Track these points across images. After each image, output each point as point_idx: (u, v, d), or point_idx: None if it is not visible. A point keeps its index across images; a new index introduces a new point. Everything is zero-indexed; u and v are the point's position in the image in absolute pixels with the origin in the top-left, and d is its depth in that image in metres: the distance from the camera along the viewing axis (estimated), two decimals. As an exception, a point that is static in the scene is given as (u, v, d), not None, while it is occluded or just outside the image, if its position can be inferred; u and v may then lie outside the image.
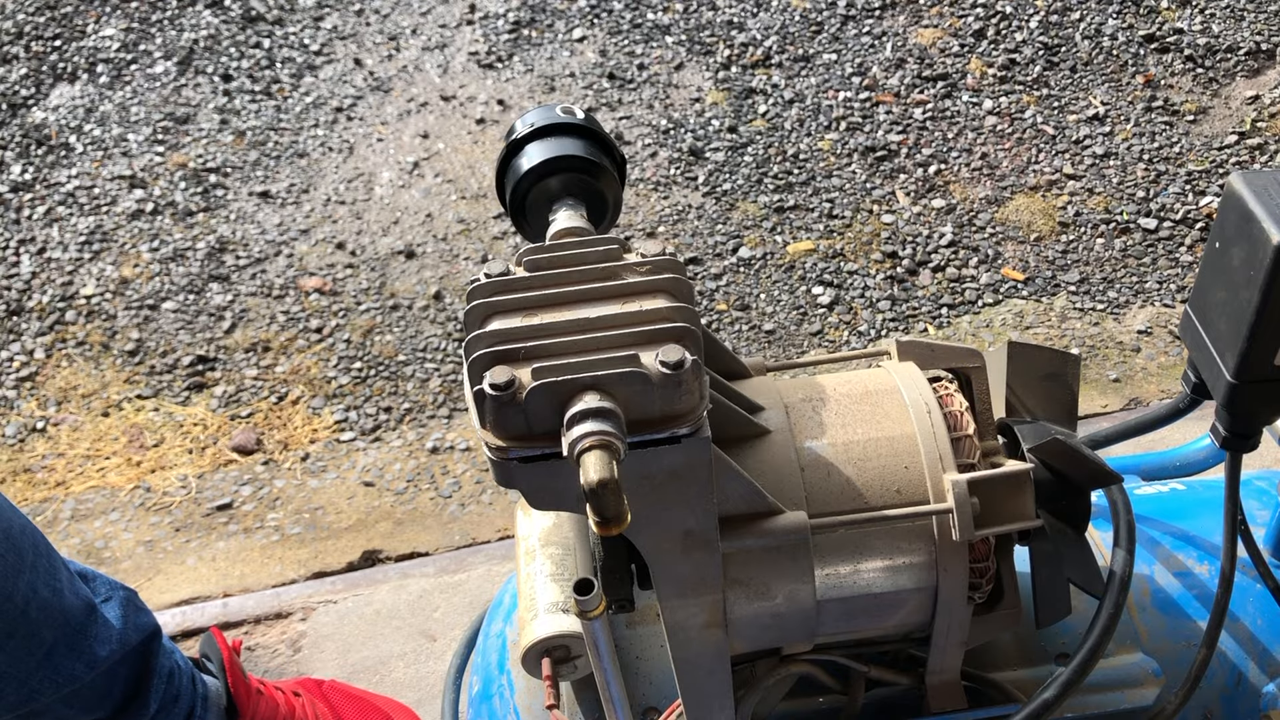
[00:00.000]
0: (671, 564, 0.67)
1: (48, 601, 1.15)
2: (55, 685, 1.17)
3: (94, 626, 1.21)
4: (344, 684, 1.53)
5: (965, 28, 2.76)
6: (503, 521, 1.87)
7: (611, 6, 2.88)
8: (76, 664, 1.18)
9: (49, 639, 1.15)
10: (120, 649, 1.22)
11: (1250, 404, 0.77)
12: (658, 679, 0.86)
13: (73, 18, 2.93)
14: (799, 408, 0.75)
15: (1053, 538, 0.77)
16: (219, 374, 2.14)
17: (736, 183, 2.43)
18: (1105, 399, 2.02)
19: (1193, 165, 2.41)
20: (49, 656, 1.16)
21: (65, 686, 1.17)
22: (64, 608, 1.17)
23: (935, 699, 0.81)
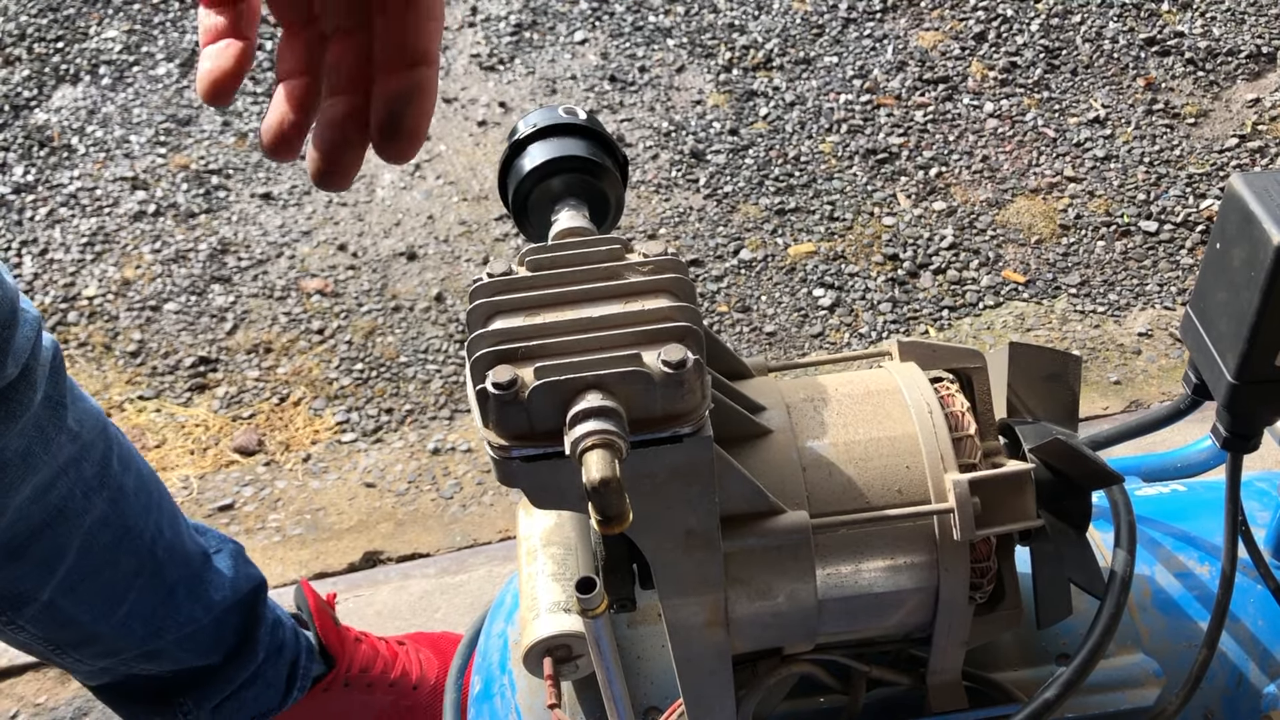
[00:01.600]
0: (673, 563, 0.68)
1: (171, 543, 1.21)
2: (176, 625, 1.22)
3: (209, 573, 1.26)
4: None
5: (966, 31, 2.76)
6: (504, 522, 1.87)
7: (613, 9, 2.89)
8: (195, 607, 1.23)
9: (171, 579, 1.21)
10: (232, 595, 1.27)
11: (1251, 405, 0.77)
12: (659, 678, 0.86)
13: (75, 20, 2.94)
14: (801, 407, 0.75)
15: (1054, 538, 0.77)
16: (221, 375, 2.14)
17: (738, 185, 2.43)
18: (1106, 401, 2.02)
19: (1193, 168, 2.41)
20: (171, 596, 1.21)
21: (185, 627, 1.23)
22: (185, 551, 1.23)
23: (936, 699, 0.81)
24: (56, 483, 1.10)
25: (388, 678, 1.40)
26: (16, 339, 0.99)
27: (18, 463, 1.04)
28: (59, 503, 1.10)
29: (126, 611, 1.19)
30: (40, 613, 1.14)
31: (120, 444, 1.19)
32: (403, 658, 1.43)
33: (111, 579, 1.17)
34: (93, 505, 1.14)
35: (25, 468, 1.05)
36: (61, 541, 1.12)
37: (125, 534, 1.17)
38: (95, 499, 1.14)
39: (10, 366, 0.99)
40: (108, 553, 1.16)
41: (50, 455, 1.08)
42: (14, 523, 1.07)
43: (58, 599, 1.14)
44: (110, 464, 1.16)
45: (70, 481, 1.11)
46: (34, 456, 1.05)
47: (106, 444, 1.16)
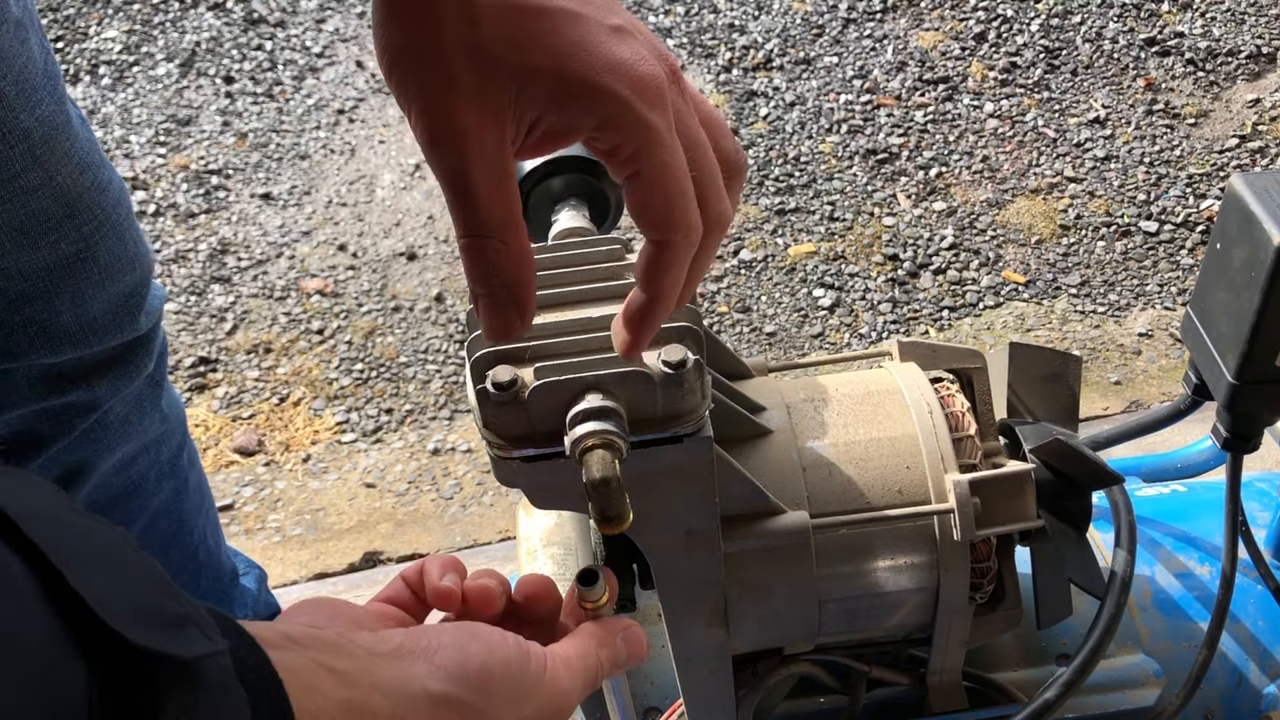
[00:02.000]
0: (673, 563, 0.68)
1: (211, 551, 1.25)
2: None
3: (235, 591, 1.31)
4: None
5: (966, 31, 2.76)
6: (504, 523, 1.87)
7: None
8: None
9: (204, 588, 1.25)
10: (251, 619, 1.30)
11: (1251, 405, 0.77)
12: (659, 679, 0.86)
13: (75, 20, 2.94)
14: (801, 408, 0.75)
15: (1054, 538, 0.77)
16: (220, 375, 2.14)
17: (738, 185, 2.43)
18: (1106, 401, 2.02)
19: (1193, 168, 2.41)
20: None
21: None
22: (220, 563, 1.28)
23: (936, 699, 0.81)
24: (139, 459, 1.14)
25: None
26: (150, 299, 1.06)
27: (117, 426, 1.09)
28: (137, 479, 1.15)
29: None
30: None
31: (191, 442, 1.24)
32: None
33: None
34: (161, 490, 1.18)
35: (122, 433, 1.10)
36: (129, 518, 1.16)
37: (179, 528, 1.22)
38: (164, 484, 1.19)
39: (144, 321, 1.05)
40: (162, 542, 1.21)
41: (142, 429, 1.13)
42: (96, 488, 1.11)
43: None
44: (182, 456, 1.21)
45: (150, 460, 1.16)
46: (130, 425, 1.10)
47: (183, 436, 1.21)
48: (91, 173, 0.95)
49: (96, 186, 0.96)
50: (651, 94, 0.46)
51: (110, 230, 0.99)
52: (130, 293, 1.03)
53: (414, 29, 0.44)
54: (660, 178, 0.46)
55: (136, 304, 1.04)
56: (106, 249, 0.98)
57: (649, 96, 0.45)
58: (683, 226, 0.47)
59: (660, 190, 0.46)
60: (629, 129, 0.45)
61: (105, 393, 1.05)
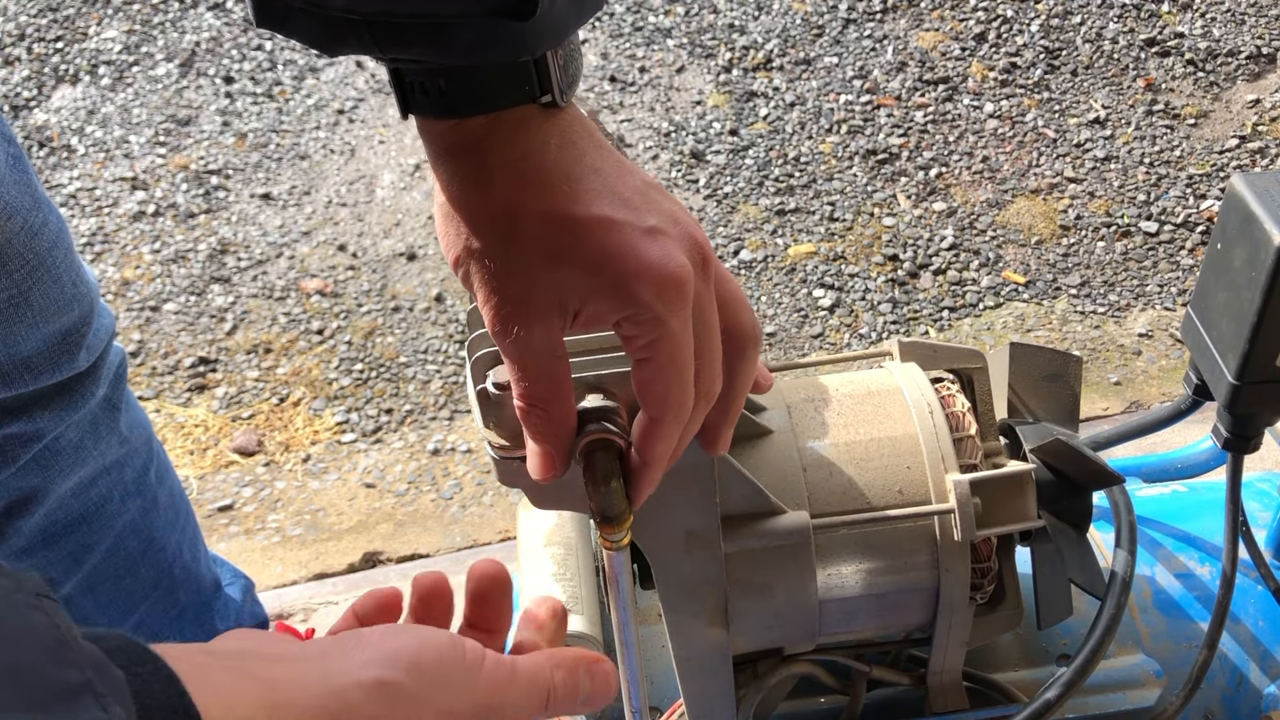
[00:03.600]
0: (674, 564, 0.68)
1: (189, 565, 1.25)
2: None
3: (218, 603, 1.30)
4: None
5: (966, 31, 2.76)
6: (504, 523, 1.87)
7: (613, 9, 2.89)
8: (199, 632, 1.27)
9: (183, 601, 1.25)
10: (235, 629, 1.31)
11: (1252, 405, 0.77)
12: (660, 679, 0.86)
13: (75, 20, 2.94)
14: (801, 408, 0.75)
15: (1055, 538, 0.77)
16: (220, 375, 2.14)
17: (738, 185, 2.43)
18: (1106, 402, 2.02)
19: (1193, 169, 2.41)
20: (179, 618, 1.25)
21: None
22: (199, 576, 1.27)
23: (937, 699, 0.81)
24: (99, 481, 1.14)
25: None
26: (91, 336, 1.05)
27: (70, 452, 1.08)
28: (98, 501, 1.14)
29: (135, 622, 1.22)
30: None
31: (160, 458, 1.23)
32: None
33: (130, 587, 1.20)
34: (127, 510, 1.17)
35: (75, 459, 1.09)
36: (93, 539, 1.15)
37: (150, 545, 1.21)
38: (130, 505, 1.18)
39: (83, 359, 1.05)
40: (131, 561, 1.20)
41: (99, 452, 1.12)
42: (54, 510, 1.11)
43: (77, 596, 1.17)
44: (149, 475, 1.20)
45: (111, 482, 1.15)
46: (84, 450, 1.10)
47: (149, 454, 1.20)
48: (21, 217, 0.94)
49: (28, 231, 0.95)
50: (673, 295, 0.51)
51: (45, 274, 0.98)
52: (68, 332, 1.02)
53: (467, 235, 0.51)
54: (664, 368, 0.52)
55: (75, 342, 1.03)
56: (40, 293, 0.97)
57: (670, 298, 0.51)
58: (675, 410, 0.53)
59: (661, 379, 0.52)
60: (646, 326, 0.51)
61: (50, 423, 1.04)
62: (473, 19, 0.47)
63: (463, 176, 0.51)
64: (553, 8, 0.48)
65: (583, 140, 0.53)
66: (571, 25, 0.51)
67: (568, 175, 0.51)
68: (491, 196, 0.51)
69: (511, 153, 0.51)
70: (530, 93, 0.51)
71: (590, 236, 0.51)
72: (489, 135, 0.51)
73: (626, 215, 0.51)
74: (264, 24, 0.49)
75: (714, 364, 0.55)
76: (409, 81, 0.51)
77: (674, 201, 0.55)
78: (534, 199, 0.51)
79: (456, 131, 0.51)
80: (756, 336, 0.58)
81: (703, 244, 0.54)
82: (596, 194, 0.51)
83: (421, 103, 0.51)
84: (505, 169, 0.51)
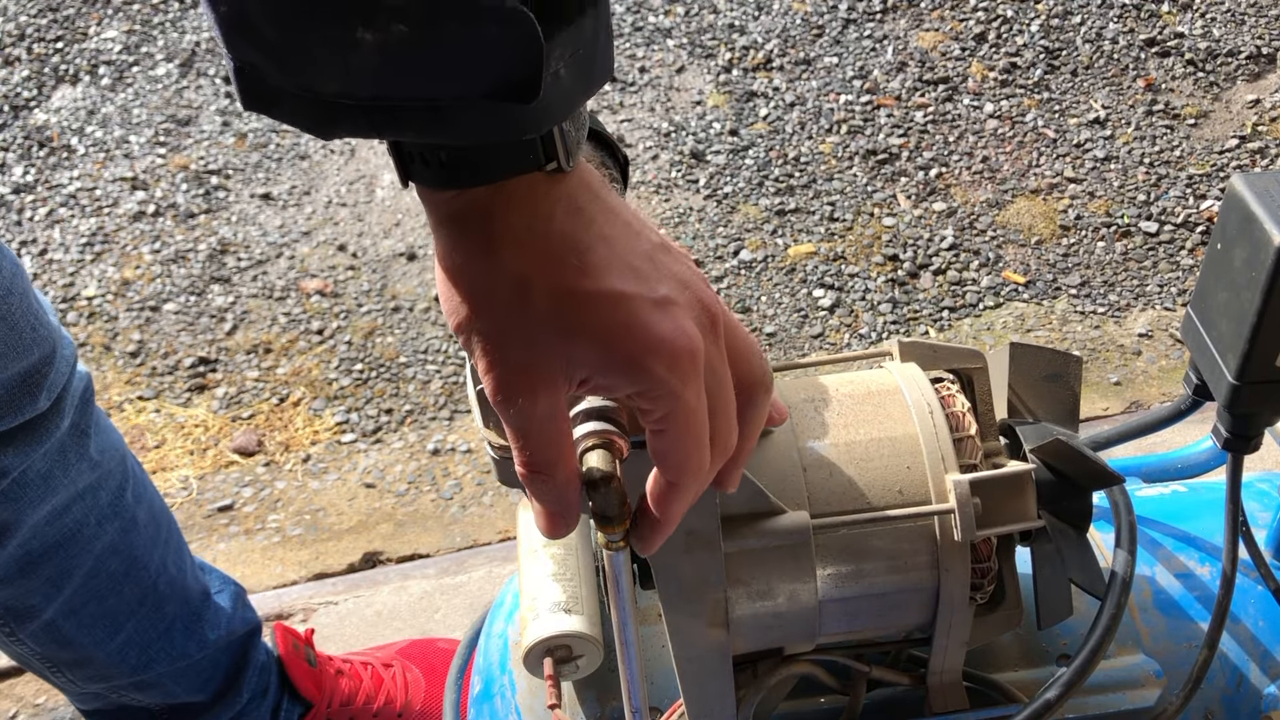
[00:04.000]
0: (674, 564, 0.68)
1: (174, 579, 1.25)
2: (169, 659, 1.25)
3: (207, 612, 1.30)
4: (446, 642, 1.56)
5: (966, 31, 2.76)
6: (504, 523, 1.87)
7: (613, 9, 2.88)
8: (190, 643, 1.27)
9: (170, 614, 1.25)
10: (226, 636, 1.31)
11: (1252, 405, 0.77)
12: (660, 679, 0.86)
13: (75, 20, 2.94)
14: (801, 408, 0.75)
15: (1055, 538, 0.77)
16: (220, 375, 2.14)
17: (738, 185, 2.43)
18: (1106, 402, 2.02)
19: (1193, 169, 2.41)
20: (168, 631, 1.25)
21: (178, 662, 1.26)
22: (186, 588, 1.27)
23: (937, 699, 0.81)
24: (72, 507, 1.13)
25: (370, 709, 1.42)
26: (52, 375, 1.04)
27: (39, 483, 1.08)
28: (73, 526, 1.14)
29: (124, 640, 1.22)
30: (41, 630, 1.17)
31: (136, 476, 1.22)
32: (387, 683, 1.44)
33: (114, 606, 1.20)
34: (104, 532, 1.17)
35: (45, 489, 1.08)
36: (71, 564, 1.15)
37: (132, 564, 1.21)
38: (107, 527, 1.17)
39: (43, 400, 1.03)
40: (113, 580, 1.19)
41: (70, 480, 1.11)
42: (28, 539, 1.10)
43: (59, 619, 1.17)
44: (125, 495, 1.19)
45: (86, 507, 1.14)
46: (54, 479, 1.09)
47: (124, 475, 1.20)
48: None
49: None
50: (685, 368, 0.51)
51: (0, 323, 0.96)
52: (27, 375, 1.00)
53: (471, 303, 0.50)
54: (680, 437, 0.52)
55: (35, 384, 1.02)
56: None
57: (682, 371, 0.51)
58: (693, 474, 0.54)
59: (679, 447, 0.53)
60: (662, 401, 0.51)
61: (14, 460, 1.03)
62: (469, 102, 0.46)
63: (467, 246, 0.50)
64: (557, 85, 0.47)
65: (590, 205, 0.52)
66: (578, 100, 0.49)
67: (575, 246, 0.50)
68: (498, 267, 0.50)
69: (517, 222, 0.50)
70: (535, 161, 0.49)
71: (601, 311, 0.50)
72: (493, 204, 0.50)
73: (637, 287, 0.51)
74: (252, 107, 0.47)
75: (729, 420, 0.55)
76: (408, 151, 0.49)
77: (682, 261, 0.54)
78: (543, 272, 0.50)
79: (459, 200, 0.50)
80: (767, 384, 0.58)
81: (711, 306, 0.54)
82: (606, 265, 0.51)
83: (422, 173, 0.50)
84: (511, 239, 0.50)
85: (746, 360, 0.56)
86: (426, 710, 1.45)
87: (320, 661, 1.41)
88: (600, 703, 0.87)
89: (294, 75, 0.45)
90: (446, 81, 0.45)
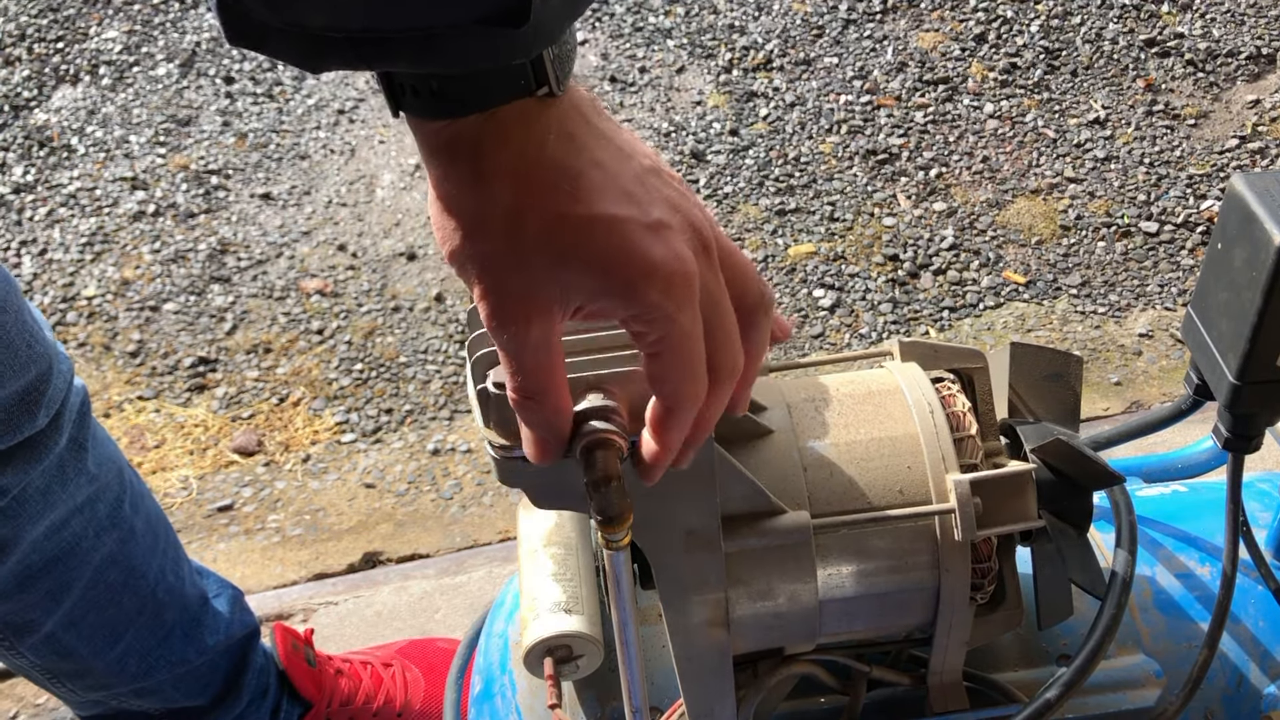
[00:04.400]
0: (674, 563, 0.68)
1: (173, 586, 1.25)
2: (169, 665, 1.25)
3: (206, 617, 1.29)
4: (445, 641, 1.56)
5: (966, 32, 2.76)
6: (504, 523, 1.87)
7: (613, 10, 2.89)
8: (189, 649, 1.27)
9: (170, 621, 1.24)
10: (225, 641, 1.31)
11: (1252, 405, 0.77)
12: (660, 679, 0.86)
13: (75, 20, 2.94)
14: (802, 407, 0.75)
15: (1055, 538, 0.77)
16: (220, 375, 2.14)
17: (738, 185, 2.43)
18: (1106, 402, 2.02)
19: (1193, 169, 2.41)
20: (168, 638, 1.25)
21: (178, 668, 1.26)
22: (184, 594, 1.27)
23: (937, 699, 0.81)
24: (71, 521, 1.13)
25: (370, 709, 1.42)
26: (50, 391, 1.03)
27: (37, 499, 1.07)
28: (71, 540, 1.13)
29: (123, 649, 1.22)
30: (41, 643, 1.17)
31: (134, 487, 1.22)
32: (387, 683, 1.44)
33: (113, 617, 1.20)
34: (103, 544, 1.17)
35: (44, 504, 1.08)
36: (70, 577, 1.14)
37: (131, 574, 1.20)
38: (106, 539, 1.17)
39: (42, 417, 1.03)
40: (112, 591, 1.19)
41: (68, 494, 1.11)
42: (27, 555, 1.10)
43: (59, 631, 1.17)
44: (123, 506, 1.19)
45: (84, 521, 1.14)
46: (53, 494, 1.09)
47: (121, 487, 1.19)
48: None
49: None
50: (680, 292, 0.51)
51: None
52: (24, 393, 1.00)
53: (465, 231, 0.50)
54: (675, 361, 0.52)
55: (33, 402, 1.01)
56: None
57: (677, 295, 0.51)
58: (689, 399, 0.54)
59: (674, 373, 0.52)
60: (656, 324, 0.51)
61: (13, 479, 1.03)
62: (461, 29, 0.45)
63: (458, 175, 0.50)
64: (545, 8, 0.46)
65: (581, 130, 0.51)
66: (566, 22, 0.49)
67: (567, 172, 0.50)
68: (490, 195, 0.50)
69: (509, 150, 0.50)
70: (526, 87, 0.49)
71: (595, 237, 0.50)
72: (484, 132, 0.50)
73: (630, 211, 0.51)
74: (237, 42, 0.47)
75: (731, 343, 0.55)
76: (399, 83, 0.49)
77: (674, 184, 0.54)
78: (536, 199, 0.50)
79: (450, 130, 0.50)
80: (766, 304, 0.57)
81: (704, 228, 0.53)
82: (599, 191, 0.50)
83: (413, 104, 0.50)
84: (503, 167, 0.50)
85: (743, 282, 0.56)
86: (426, 710, 1.45)
87: (320, 661, 1.41)
88: (600, 703, 0.87)
89: (280, 10, 0.45)
90: (438, 9, 0.45)
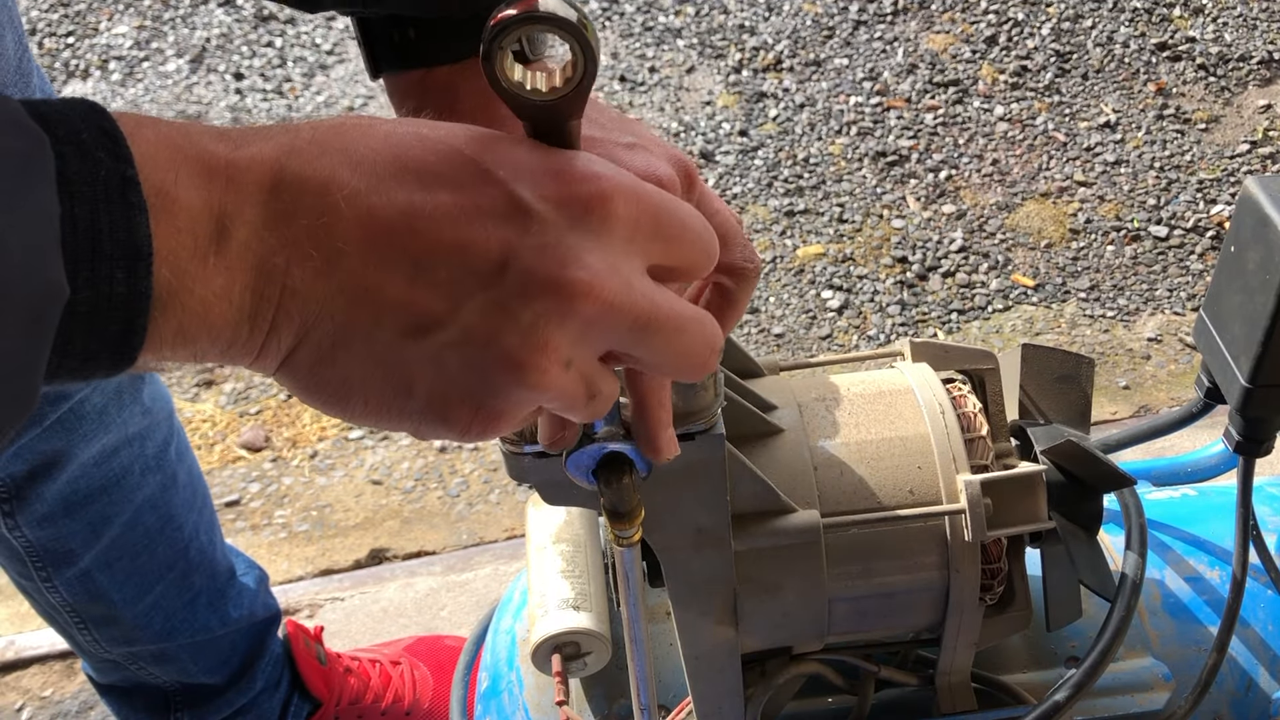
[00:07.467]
0: (683, 561, 0.67)
1: (204, 549, 1.27)
2: (191, 631, 1.27)
3: (232, 590, 1.31)
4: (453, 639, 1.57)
5: (977, 34, 2.76)
6: (510, 521, 1.87)
7: (623, 9, 2.89)
8: (212, 617, 1.28)
9: (197, 585, 1.26)
10: (249, 617, 1.33)
11: (1264, 408, 0.77)
12: (667, 677, 0.86)
13: (86, 15, 2.95)
14: (812, 407, 0.75)
15: (1065, 540, 0.77)
16: (228, 371, 2.14)
17: (747, 186, 2.43)
18: (1115, 406, 2.02)
19: (1204, 174, 2.41)
20: (193, 602, 1.26)
21: (199, 635, 1.28)
22: (214, 561, 1.29)
23: (945, 700, 0.81)
24: (121, 451, 1.15)
25: (379, 707, 1.43)
26: None
27: (94, 417, 1.09)
28: (119, 471, 1.15)
29: (151, 602, 1.24)
30: (76, 579, 1.19)
31: (180, 436, 1.25)
32: (395, 682, 1.45)
33: (146, 564, 1.22)
34: (146, 484, 1.19)
35: (99, 425, 1.10)
36: (112, 510, 1.16)
37: (168, 522, 1.22)
38: (150, 479, 1.19)
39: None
40: (148, 536, 1.21)
41: (122, 421, 1.13)
42: (76, 478, 1.12)
43: (94, 570, 1.19)
44: (169, 450, 1.21)
45: (133, 454, 1.16)
46: (109, 417, 1.11)
47: (170, 430, 1.22)
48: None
49: None
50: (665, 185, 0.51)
51: None
52: None
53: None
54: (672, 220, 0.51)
55: None
56: None
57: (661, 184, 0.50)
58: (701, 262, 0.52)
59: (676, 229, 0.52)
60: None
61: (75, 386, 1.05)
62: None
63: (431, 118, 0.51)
64: None
65: None
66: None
67: None
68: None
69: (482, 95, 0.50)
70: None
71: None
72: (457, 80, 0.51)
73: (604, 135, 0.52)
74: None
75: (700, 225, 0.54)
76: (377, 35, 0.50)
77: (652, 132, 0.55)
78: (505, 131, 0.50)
79: (426, 80, 0.51)
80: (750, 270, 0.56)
81: (686, 162, 0.53)
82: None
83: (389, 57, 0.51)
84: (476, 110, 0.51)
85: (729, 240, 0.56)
86: (434, 708, 1.45)
87: (330, 659, 1.41)
88: (608, 700, 0.87)
89: None
90: None
